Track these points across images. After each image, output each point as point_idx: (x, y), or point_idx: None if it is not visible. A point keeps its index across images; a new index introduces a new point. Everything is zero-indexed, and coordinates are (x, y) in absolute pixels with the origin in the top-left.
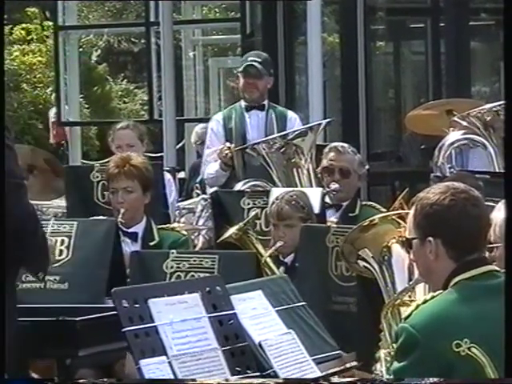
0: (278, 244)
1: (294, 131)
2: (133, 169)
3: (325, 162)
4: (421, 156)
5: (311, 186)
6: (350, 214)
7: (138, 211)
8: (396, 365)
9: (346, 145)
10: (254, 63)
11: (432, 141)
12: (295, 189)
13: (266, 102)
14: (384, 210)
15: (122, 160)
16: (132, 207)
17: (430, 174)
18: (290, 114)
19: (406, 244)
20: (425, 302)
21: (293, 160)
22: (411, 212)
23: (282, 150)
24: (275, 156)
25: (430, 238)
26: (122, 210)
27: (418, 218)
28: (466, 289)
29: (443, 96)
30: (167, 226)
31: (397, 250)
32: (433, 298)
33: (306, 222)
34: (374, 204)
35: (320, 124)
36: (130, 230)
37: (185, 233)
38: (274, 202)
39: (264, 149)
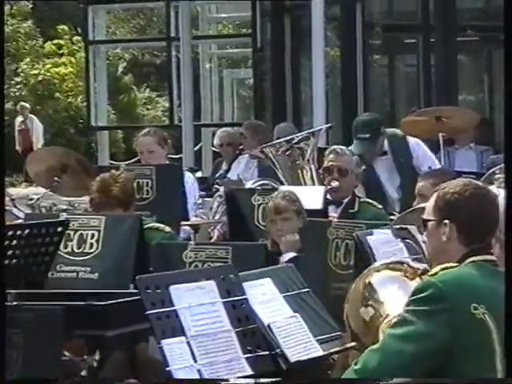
0: None
1: (298, 136)
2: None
3: (325, 163)
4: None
5: (313, 184)
6: (350, 210)
7: None
8: (412, 308)
9: (344, 147)
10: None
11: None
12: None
13: None
14: (380, 206)
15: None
16: None
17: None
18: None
19: (422, 225)
20: (445, 268)
21: (297, 162)
22: (432, 198)
23: (287, 153)
24: (281, 158)
25: (446, 221)
26: None
27: (439, 202)
28: (480, 267)
29: (433, 104)
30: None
31: (377, 277)
32: (452, 267)
33: (300, 215)
34: (371, 201)
35: (321, 129)
36: None
37: (168, 229)
38: (270, 200)
39: (271, 152)
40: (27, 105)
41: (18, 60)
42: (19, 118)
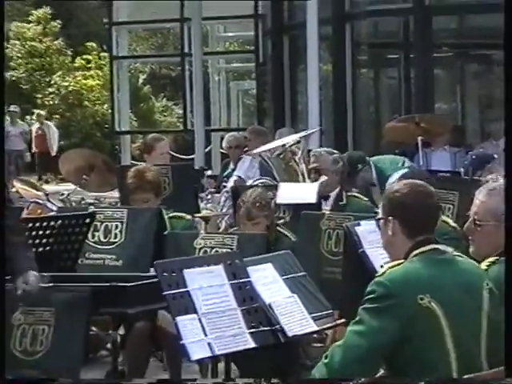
0: None
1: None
2: (147, 182)
3: (310, 165)
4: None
5: (305, 181)
6: (340, 203)
7: None
8: (366, 306)
9: (322, 149)
10: None
11: (404, 146)
12: (259, 187)
13: None
14: (366, 199)
15: (140, 175)
16: None
17: None
18: None
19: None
20: (393, 266)
21: (290, 163)
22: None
23: (281, 156)
24: (275, 160)
25: (390, 218)
26: None
27: (384, 201)
28: (423, 259)
29: (412, 111)
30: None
31: None
32: (399, 264)
33: (268, 218)
34: (357, 195)
35: (309, 134)
36: None
37: (189, 217)
38: (243, 204)
39: (267, 155)
40: (43, 112)
41: (51, 73)
42: (36, 125)
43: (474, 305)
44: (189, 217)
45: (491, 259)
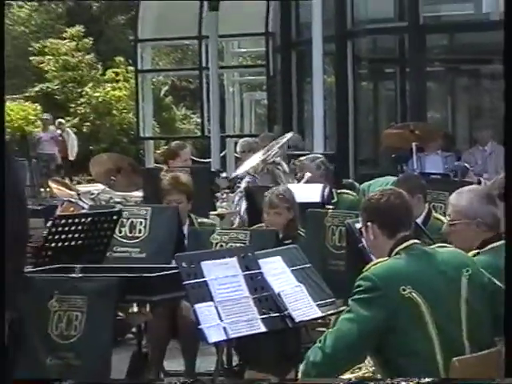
0: None
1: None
2: (182, 185)
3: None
4: (390, 162)
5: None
6: (332, 201)
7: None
8: (355, 297)
9: (303, 158)
10: None
11: (400, 151)
12: (288, 185)
13: None
14: (354, 194)
15: (175, 180)
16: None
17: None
18: None
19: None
20: (377, 263)
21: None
22: None
23: (266, 169)
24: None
25: (369, 223)
26: None
27: (361, 210)
28: (406, 254)
29: (408, 120)
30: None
31: None
32: (384, 261)
33: (290, 210)
34: (346, 191)
35: (285, 142)
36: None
37: (214, 223)
38: (268, 195)
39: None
40: (63, 121)
41: (82, 85)
42: (58, 132)
43: (453, 292)
44: (215, 222)
45: (471, 253)
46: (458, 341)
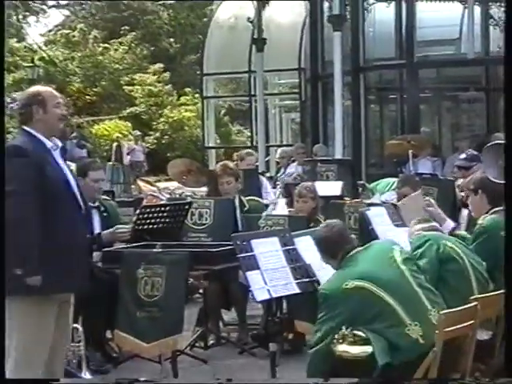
0: None
1: None
2: (230, 170)
3: None
4: (393, 165)
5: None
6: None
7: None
8: (319, 316)
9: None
10: None
11: (399, 157)
12: (314, 183)
13: None
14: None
15: (225, 166)
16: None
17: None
18: None
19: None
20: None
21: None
22: None
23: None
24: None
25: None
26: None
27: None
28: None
29: (405, 133)
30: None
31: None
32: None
33: (314, 200)
34: (255, 198)
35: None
36: None
37: (260, 200)
38: (298, 188)
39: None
40: (139, 132)
41: (162, 108)
42: (144, 144)
43: (390, 263)
44: (260, 199)
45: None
46: (417, 300)
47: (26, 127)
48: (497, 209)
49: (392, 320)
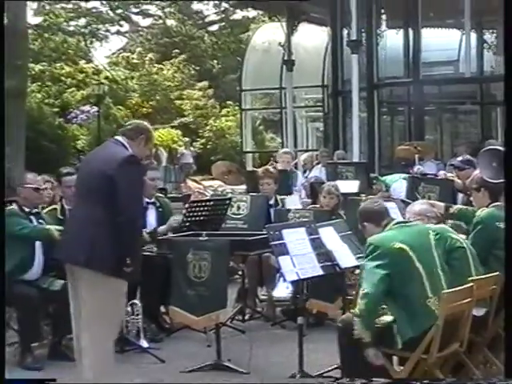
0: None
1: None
2: (270, 174)
3: None
4: (401, 167)
5: None
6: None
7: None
8: (365, 262)
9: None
10: None
11: (407, 161)
12: (337, 182)
13: None
14: None
15: (267, 170)
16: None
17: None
18: None
19: None
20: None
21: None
22: None
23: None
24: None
25: (365, 223)
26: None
27: (357, 215)
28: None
29: (412, 140)
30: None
31: None
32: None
33: (338, 197)
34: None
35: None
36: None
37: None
38: (325, 186)
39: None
40: (187, 139)
41: (207, 118)
42: (192, 149)
43: (426, 242)
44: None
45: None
46: (438, 278)
47: (127, 141)
48: (495, 203)
49: (420, 289)
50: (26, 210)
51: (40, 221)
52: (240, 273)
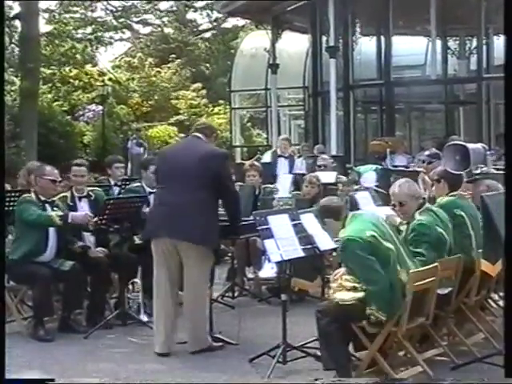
0: None
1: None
2: (256, 167)
3: None
4: (375, 160)
5: None
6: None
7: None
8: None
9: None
10: None
11: (380, 154)
12: (317, 173)
13: None
14: None
15: (253, 164)
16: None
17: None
18: None
19: None
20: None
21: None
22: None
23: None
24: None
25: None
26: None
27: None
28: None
29: (384, 135)
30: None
31: None
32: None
33: (319, 187)
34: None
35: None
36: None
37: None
38: (308, 177)
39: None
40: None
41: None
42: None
43: (381, 223)
44: (273, 187)
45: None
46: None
47: (204, 138)
48: (453, 193)
49: (392, 264)
50: (42, 198)
51: (54, 208)
52: (230, 254)
